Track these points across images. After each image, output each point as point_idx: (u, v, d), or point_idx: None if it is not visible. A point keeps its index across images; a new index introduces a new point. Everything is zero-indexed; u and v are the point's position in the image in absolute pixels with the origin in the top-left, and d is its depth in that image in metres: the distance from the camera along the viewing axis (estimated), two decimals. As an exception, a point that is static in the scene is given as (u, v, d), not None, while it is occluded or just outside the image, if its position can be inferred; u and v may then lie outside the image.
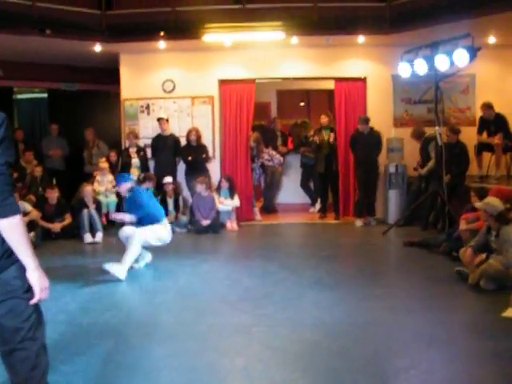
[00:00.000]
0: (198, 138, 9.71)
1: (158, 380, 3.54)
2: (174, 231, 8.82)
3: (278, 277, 6.11)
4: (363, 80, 10.07)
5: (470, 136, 9.10)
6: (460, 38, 7.19)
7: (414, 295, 5.35)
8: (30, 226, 8.16)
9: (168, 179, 9.18)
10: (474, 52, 7.07)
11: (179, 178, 9.84)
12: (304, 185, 11.30)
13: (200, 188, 9.09)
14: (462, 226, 6.67)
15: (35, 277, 2.35)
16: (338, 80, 10.11)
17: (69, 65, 11.16)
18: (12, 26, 8.43)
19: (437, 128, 8.11)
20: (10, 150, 2.22)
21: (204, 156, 9.68)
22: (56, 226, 8.63)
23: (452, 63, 7.31)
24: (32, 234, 8.07)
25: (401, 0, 8.72)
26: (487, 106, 8.88)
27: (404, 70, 8.27)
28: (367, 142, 9.31)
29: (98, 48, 9.52)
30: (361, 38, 9.32)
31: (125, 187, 6.63)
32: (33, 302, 2.37)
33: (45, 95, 12.43)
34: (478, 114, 9.42)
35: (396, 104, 10.08)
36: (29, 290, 2.37)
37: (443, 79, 8.28)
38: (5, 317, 2.33)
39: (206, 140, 9.93)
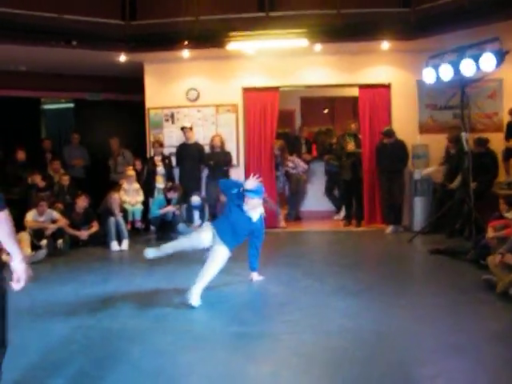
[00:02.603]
0: (222, 144, 9.77)
1: (186, 386, 3.56)
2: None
3: (303, 284, 6.10)
4: (387, 86, 10.02)
5: (497, 142, 8.99)
6: (487, 42, 7.12)
7: (440, 303, 5.28)
8: (58, 233, 8.30)
9: (196, 200, 9.17)
10: (501, 56, 6.97)
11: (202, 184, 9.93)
12: (328, 192, 11.26)
13: (224, 197, 9.10)
14: (490, 233, 6.58)
15: (22, 267, 2.52)
16: (362, 87, 10.08)
17: (94, 75, 11.32)
18: (39, 38, 8.59)
19: (463, 134, 8.03)
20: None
21: (227, 161, 9.72)
22: (83, 234, 8.72)
23: (478, 68, 7.24)
24: (60, 241, 8.21)
25: (425, 5, 8.62)
26: None
27: (429, 76, 8.20)
28: (392, 153, 9.26)
29: (122, 58, 9.64)
30: (385, 44, 9.28)
31: (255, 202, 5.78)
32: (17, 287, 2.55)
33: (71, 105, 12.62)
34: (506, 119, 9.30)
35: (421, 110, 9.99)
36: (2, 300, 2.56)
37: (469, 84, 8.20)
38: None
39: (230, 148, 9.99)
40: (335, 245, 8.94)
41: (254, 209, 5.78)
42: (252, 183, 5.69)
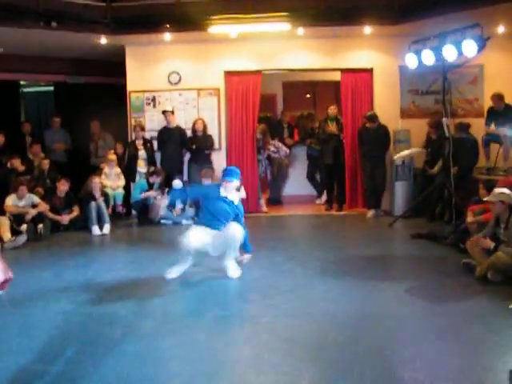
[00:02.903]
0: (204, 127, 9.73)
1: (167, 370, 3.56)
2: (180, 223, 8.95)
3: (285, 267, 6.12)
4: (370, 71, 10.03)
5: (477, 127, 9.05)
6: (468, 28, 7.15)
7: (421, 286, 5.34)
8: (39, 218, 8.22)
9: (177, 183, 9.10)
10: (482, 42, 7.02)
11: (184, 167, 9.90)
12: (310, 176, 11.29)
13: (206, 181, 9.08)
14: (470, 217, 6.65)
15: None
16: (345, 71, 10.08)
17: (74, 58, 11.19)
18: (18, 19, 8.44)
19: (444, 119, 8.07)
20: None
21: (209, 145, 9.70)
22: (64, 218, 8.66)
23: (460, 53, 7.27)
24: (40, 226, 8.14)
25: (408, -11, 8.67)
26: (498, 97, 8.78)
27: (411, 61, 8.22)
28: (375, 137, 9.31)
29: (103, 40, 9.53)
30: (367, 29, 9.27)
31: (234, 185, 5.95)
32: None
33: (51, 88, 12.45)
34: (486, 105, 9.37)
35: (403, 95, 10.03)
36: None
37: (451, 70, 8.24)
38: None
39: (212, 132, 9.94)
40: (317, 229, 8.98)
41: (234, 192, 5.92)
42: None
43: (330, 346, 3.87)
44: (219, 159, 9.96)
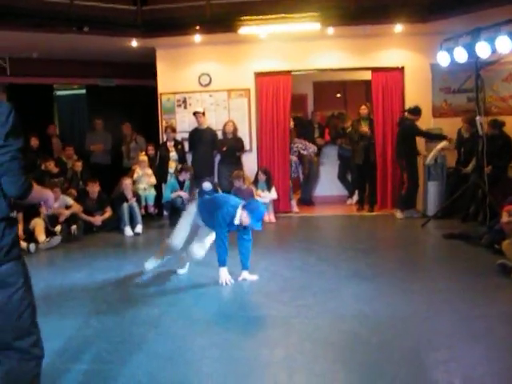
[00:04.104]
0: (235, 130, 9.76)
1: (200, 370, 3.58)
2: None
3: (317, 269, 6.10)
4: (401, 70, 9.92)
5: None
6: (502, 24, 7.00)
7: (455, 288, 5.26)
8: (72, 219, 8.35)
9: (207, 186, 9.10)
10: (517, 38, 6.88)
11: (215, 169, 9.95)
12: (341, 177, 11.24)
13: (238, 183, 9.13)
14: (505, 218, 6.52)
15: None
16: (375, 70, 9.99)
17: (106, 61, 11.34)
18: (51, 24, 8.59)
19: (478, 118, 7.94)
20: (21, 137, 2.33)
21: (239, 147, 9.72)
22: (97, 220, 8.77)
23: (494, 50, 7.15)
24: (74, 227, 8.26)
25: (439, -13, 8.55)
26: None
27: (443, 59, 8.10)
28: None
29: (134, 43, 9.63)
30: (398, 27, 9.17)
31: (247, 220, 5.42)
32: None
33: (83, 91, 12.64)
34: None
35: (435, 94, 9.89)
36: (24, 286, 2.40)
37: (484, 67, 8.10)
38: (2, 310, 2.36)
39: (243, 133, 9.97)
40: (348, 229, 8.93)
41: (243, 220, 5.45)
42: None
43: (362, 347, 3.85)
44: (250, 160, 9.98)
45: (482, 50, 7.26)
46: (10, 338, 2.39)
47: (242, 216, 5.37)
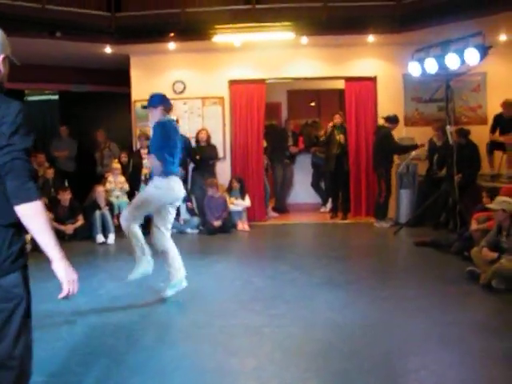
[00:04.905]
0: (208, 138, 9.75)
1: (171, 381, 3.56)
2: (185, 232, 8.98)
3: (289, 277, 6.11)
4: (373, 79, 10.04)
5: (481, 134, 9.05)
6: (471, 37, 7.16)
7: (426, 295, 5.33)
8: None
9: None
10: (485, 50, 7.03)
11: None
12: (315, 185, 11.31)
13: (211, 191, 9.13)
14: (473, 225, 6.64)
15: (61, 268, 2.26)
16: (349, 80, 10.09)
17: (79, 67, 11.22)
18: (22, 29, 8.45)
19: (448, 127, 8.09)
20: (28, 137, 2.21)
21: (213, 155, 9.72)
22: (69, 228, 8.66)
23: (463, 62, 7.29)
24: (44, 235, 8.12)
25: (411, -1, 8.69)
26: (509, 105, 8.75)
27: (414, 69, 8.24)
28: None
29: (108, 50, 9.58)
30: (371, 38, 9.29)
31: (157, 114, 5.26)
32: (61, 296, 2.29)
33: (56, 97, 12.51)
34: (490, 112, 9.40)
35: (407, 103, 10.04)
36: (28, 298, 2.27)
37: (454, 78, 8.25)
38: (7, 321, 2.21)
39: (217, 140, 9.96)
40: (322, 237, 8.98)
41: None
42: None
43: (334, 356, 3.87)
44: (224, 168, 9.99)
45: (452, 61, 7.40)
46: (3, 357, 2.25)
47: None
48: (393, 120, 9.24)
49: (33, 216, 2.19)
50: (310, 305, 5.09)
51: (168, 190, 5.16)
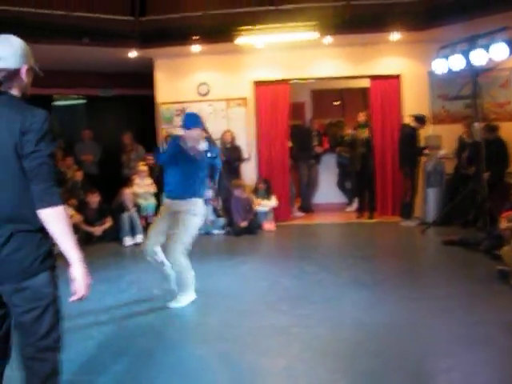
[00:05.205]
0: (233, 139, 9.79)
1: (201, 380, 3.60)
2: (211, 233, 9.03)
3: (316, 277, 6.11)
4: (398, 77, 9.96)
5: (510, 131, 8.91)
6: (498, 31, 7.06)
7: (454, 295, 5.27)
8: (73, 229, 8.33)
9: (207, 195, 9.01)
10: (512, 45, 6.93)
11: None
12: (340, 184, 11.29)
13: (237, 192, 9.17)
14: (503, 224, 6.54)
15: (79, 270, 2.36)
16: (373, 78, 10.04)
17: (105, 71, 11.38)
18: (51, 36, 8.62)
19: (475, 124, 7.99)
20: (52, 143, 2.34)
21: (237, 157, 9.75)
22: (97, 230, 8.78)
23: (490, 57, 7.19)
24: (74, 237, 8.24)
25: (436, -5, 8.59)
26: None
27: (440, 67, 8.15)
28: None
29: (133, 54, 9.67)
30: (395, 35, 9.21)
31: (196, 133, 5.06)
32: (75, 298, 2.38)
33: (82, 101, 12.68)
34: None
35: (433, 101, 9.92)
36: (58, 297, 2.42)
37: (481, 74, 8.14)
38: (30, 324, 2.37)
39: (242, 141, 10.00)
40: (348, 237, 8.94)
41: (196, 142, 5.07)
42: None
43: (361, 356, 3.86)
44: (249, 169, 10.02)
45: (478, 57, 7.30)
46: (41, 356, 2.42)
47: (188, 136, 5.04)
48: (420, 120, 9.18)
49: (55, 220, 2.30)
50: (336, 305, 5.08)
51: (203, 214, 5.27)
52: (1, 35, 2.43)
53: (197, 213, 5.12)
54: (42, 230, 2.34)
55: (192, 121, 5.09)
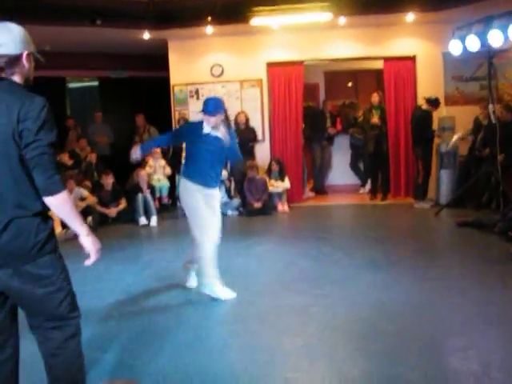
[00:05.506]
0: (247, 120, 9.81)
1: (222, 358, 3.65)
2: (225, 214, 9.08)
3: (333, 258, 6.15)
4: (413, 59, 9.92)
5: (524, 113, 8.86)
6: (515, 12, 7.00)
7: (469, 276, 5.30)
8: (87, 211, 8.43)
9: (224, 174, 9.03)
10: (529, 26, 6.87)
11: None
12: (353, 166, 11.30)
13: (251, 173, 9.21)
14: (518, 205, 6.56)
15: (89, 241, 2.51)
16: (387, 59, 10.00)
17: (118, 53, 11.39)
18: (64, 18, 8.63)
19: (490, 106, 7.94)
20: (53, 132, 2.37)
21: (251, 138, 9.77)
22: (112, 211, 8.86)
23: (506, 38, 7.13)
24: (89, 218, 8.33)
25: (451, -26, 8.50)
26: None
27: (455, 48, 8.08)
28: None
29: (146, 35, 9.66)
30: (410, 16, 9.14)
31: (219, 118, 4.88)
32: (89, 263, 2.55)
33: (96, 83, 12.71)
34: (534, 89, 9.18)
35: (447, 82, 9.88)
36: (60, 277, 2.51)
37: (497, 55, 8.08)
38: (41, 300, 2.46)
39: (255, 123, 10.02)
40: (362, 218, 8.98)
41: (218, 126, 4.88)
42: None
43: (380, 335, 3.90)
44: (263, 150, 10.05)
45: (495, 38, 7.24)
46: (53, 325, 2.51)
47: (208, 121, 4.84)
48: (433, 103, 9.14)
49: (60, 205, 2.40)
50: (354, 285, 5.13)
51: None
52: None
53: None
54: (40, 215, 2.41)
55: (215, 106, 4.87)
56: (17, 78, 2.44)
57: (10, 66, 2.40)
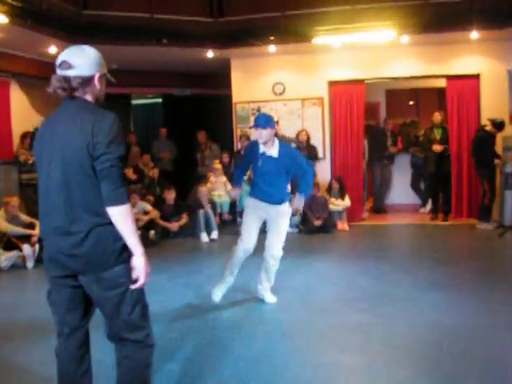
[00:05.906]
0: (308, 138, 9.86)
1: (284, 374, 3.69)
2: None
3: (393, 277, 6.11)
4: (476, 77, 9.76)
5: None
6: None
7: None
8: (150, 225, 8.66)
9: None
10: None
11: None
12: (414, 185, 11.18)
13: (312, 191, 9.21)
14: None
15: (142, 262, 2.55)
16: (450, 78, 9.87)
17: (181, 71, 11.69)
18: (132, 37, 8.96)
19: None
20: (122, 146, 2.50)
21: (313, 156, 9.81)
22: (174, 226, 9.05)
23: None
24: (152, 232, 8.56)
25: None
26: None
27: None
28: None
29: (210, 54, 9.90)
30: (474, 34, 9.02)
31: (270, 133, 4.99)
32: (137, 286, 2.57)
33: (159, 100, 13.06)
34: None
35: (512, 100, 9.69)
36: (131, 282, 2.58)
37: None
38: (110, 310, 2.58)
39: (316, 141, 10.06)
40: (423, 239, 8.86)
41: (269, 141, 5.00)
42: None
43: (445, 357, 3.86)
44: (323, 169, 10.07)
45: None
46: (125, 331, 2.62)
47: (258, 137, 4.99)
48: (498, 125, 8.94)
49: (122, 217, 2.49)
50: (415, 306, 5.08)
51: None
52: (76, 46, 2.63)
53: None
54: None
55: (265, 120, 5.04)
56: (88, 97, 2.60)
57: (83, 86, 2.56)
